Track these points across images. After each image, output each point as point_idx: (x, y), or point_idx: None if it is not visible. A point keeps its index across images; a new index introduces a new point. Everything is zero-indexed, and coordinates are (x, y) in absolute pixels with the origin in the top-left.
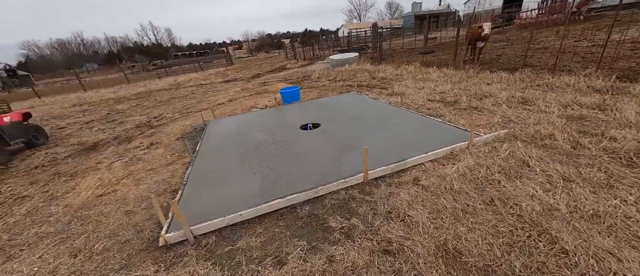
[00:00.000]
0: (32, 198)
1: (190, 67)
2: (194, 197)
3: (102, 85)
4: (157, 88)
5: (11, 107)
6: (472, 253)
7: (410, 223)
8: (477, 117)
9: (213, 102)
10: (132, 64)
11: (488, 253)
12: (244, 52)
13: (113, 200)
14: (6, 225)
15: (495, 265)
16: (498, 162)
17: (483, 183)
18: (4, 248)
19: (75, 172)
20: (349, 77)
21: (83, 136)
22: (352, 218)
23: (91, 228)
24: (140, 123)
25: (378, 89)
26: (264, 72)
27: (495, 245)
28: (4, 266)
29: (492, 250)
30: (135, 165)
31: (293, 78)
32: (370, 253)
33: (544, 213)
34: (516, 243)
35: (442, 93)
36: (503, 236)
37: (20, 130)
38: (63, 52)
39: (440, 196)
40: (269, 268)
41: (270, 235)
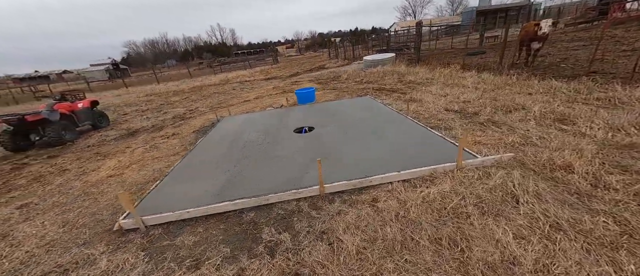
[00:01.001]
0: (70, 172)
1: (241, 64)
2: (166, 188)
3: (172, 79)
4: (210, 83)
5: (86, 95)
6: None
7: (337, 250)
8: (491, 133)
9: (243, 98)
10: (201, 60)
11: None
12: (293, 51)
13: (116, 182)
14: (43, 191)
15: None
16: (480, 192)
17: (448, 216)
18: (30, 210)
19: (108, 153)
20: (377, 79)
21: (133, 122)
22: (285, 232)
23: (87, 204)
24: (178, 114)
25: (398, 94)
26: (302, 71)
27: None
28: (20, 225)
29: None
30: (150, 153)
31: (323, 79)
32: (281, 272)
33: (498, 266)
34: None
35: (465, 103)
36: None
37: (88, 114)
38: (152, 50)
39: (388, 223)
40: (184, 269)
41: (206, 236)
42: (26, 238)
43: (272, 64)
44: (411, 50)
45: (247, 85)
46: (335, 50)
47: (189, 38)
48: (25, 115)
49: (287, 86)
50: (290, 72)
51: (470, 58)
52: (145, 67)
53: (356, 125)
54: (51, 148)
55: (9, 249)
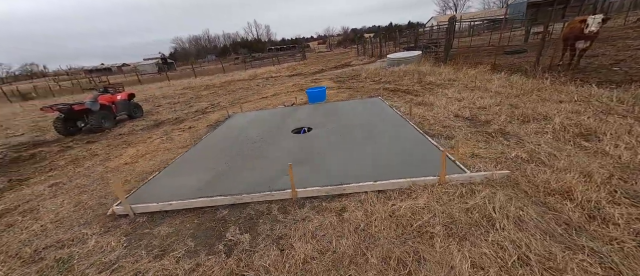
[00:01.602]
0: (98, 157)
1: (271, 61)
2: (163, 179)
3: (208, 73)
4: (239, 78)
5: (125, 87)
6: None
7: (286, 257)
8: (495, 146)
9: (262, 94)
10: (237, 56)
11: None
12: (324, 48)
13: (128, 170)
14: (73, 172)
15: None
16: (455, 211)
17: (411, 234)
18: (58, 189)
19: (132, 142)
20: (396, 78)
21: (161, 114)
22: (247, 233)
23: (100, 188)
24: (200, 108)
25: (411, 96)
26: (326, 68)
27: None
28: (46, 201)
29: None
30: (164, 144)
31: (343, 77)
32: (229, 273)
33: None
34: None
35: (479, 109)
36: None
37: (125, 105)
38: (195, 46)
39: (346, 235)
40: (150, 257)
41: (179, 229)
42: (45, 214)
43: (299, 61)
44: (439, 48)
45: (271, 82)
46: (363, 47)
47: (228, 34)
48: (72, 105)
49: (307, 84)
50: (315, 69)
51: (506, 57)
52: (188, 61)
53: (355, 128)
54: (92, 134)
55: (30, 221)
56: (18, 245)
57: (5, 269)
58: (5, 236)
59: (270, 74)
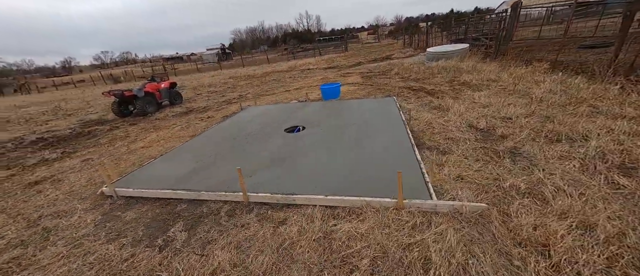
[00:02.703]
0: (128, 139)
1: (313, 52)
2: (156, 165)
3: (256, 63)
4: (279, 69)
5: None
6: None
7: (202, 264)
8: (492, 169)
9: (288, 87)
10: (286, 47)
11: None
12: (372, 39)
13: (140, 152)
14: (105, 150)
15: None
16: (392, 246)
17: (332, 264)
18: (87, 163)
19: (159, 127)
20: (427, 76)
21: (195, 103)
22: (186, 232)
23: (111, 167)
24: (229, 99)
25: (432, 98)
26: (365, 61)
27: None
28: (73, 174)
29: None
30: (181, 131)
31: (373, 72)
32: (150, 269)
33: None
34: None
35: (503, 119)
36: None
37: (167, 93)
38: (251, 37)
39: (267, 251)
40: (103, 239)
41: (141, 216)
42: (64, 185)
43: (341, 52)
44: (488, 41)
45: (305, 74)
46: (410, 38)
47: (280, 26)
48: (124, 91)
49: (335, 78)
50: (352, 62)
51: (580, 52)
52: (243, 51)
53: (348, 131)
54: (138, 117)
55: (51, 190)
56: (33, 209)
57: (14, 228)
58: (32, 200)
59: (308, 66)
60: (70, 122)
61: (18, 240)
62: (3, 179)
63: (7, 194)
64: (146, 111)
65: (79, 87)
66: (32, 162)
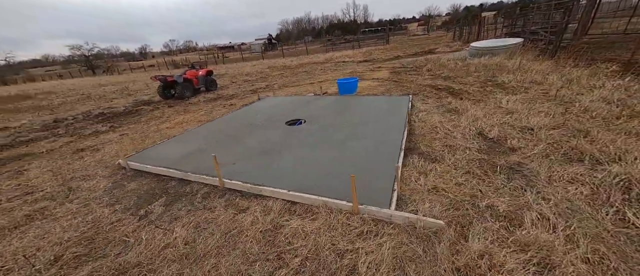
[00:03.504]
0: (160, 119)
1: (351, 44)
2: (167, 145)
3: (296, 54)
4: (315, 61)
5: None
6: None
7: (163, 237)
8: (476, 185)
9: (313, 79)
10: (329, 38)
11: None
12: (421, 30)
13: (163, 133)
14: (139, 127)
15: None
16: (327, 251)
17: (267, 258)
18: (122, 138)
19: (187, 111)
20: (460, 74)
21: (226, 90)
22: (164, 207)
23: (137, 143)
24: (256, 88)
25: (454, 99)
26: (404, 55)
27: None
28: (109, 146)
29: None
30: (202, 117)
31: (406, 67)
32: (124, 234)
33: None
34: None
35: (522, 129)
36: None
37: (204, 80)
38: (297, 27)
39: (217, 235)
40: (105, 204)
41: (139, 188)
42: (100, 154)
43: (382, 44)
44: (548, 35)
45: (337, 66)
46: (460, 30)
47: (326, 16)
48: (167, 77)
49: (365, 72)
50: (389, 55)
51: None
52: (288, 42)
53: (344, 129)
54: (177, 100)
55: (89, 158)
56: (70, 171)
57: (51, 184)
58: (73, 164)
59: (344, 58)
60: (127, 101)
61: (50, 194)
62: (64, 144)
63: (61, 156)
64: (184, 95)
65: (147, 71)
66: (88, 132)
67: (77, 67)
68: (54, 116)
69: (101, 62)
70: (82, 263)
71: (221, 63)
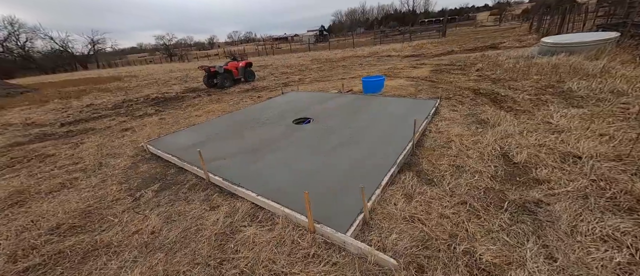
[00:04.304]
0: (195, 106)
1: (402, 37)
2: (186, 132)
3: (342, 46)
4: (359, 54)
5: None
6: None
7: (140, 222)
8: (462, 219)
9: (349, 74)
10: (382, 29)
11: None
12: (492, 20)
13: (191, 120)
14: (177, 113)
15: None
16: (266, 266)
17: (213, 259)
18: (161, 121)
19: (218, 100)
20: (516, 76)
21: (263, 82)
22: (156, 193)
23: (168, 127)
24: (289, 81)
25: (491, 107)
26: (459, 50)
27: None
28: (144, 129)
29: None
30: (231, 107)
31: (455, 64)
32: (114, 213)
33: None
34: None
35: (563, 156)
36: None
37: (243, 71)
38: (350, 19)
39: (179, 230)
40: (116, 181)
41: (146, 171)
42: (136, 135)
43: (436, 38)
44: None
45: (378, 61)
46: (539, 20)
47: (382, 6)
48: (210, 67)
49: (406, 68)
50: (443, 50)
51: None
52: (340, 34)
53: (344, 132)
54: (217, 89)
55: (126, 137)
56: (109, 148)
57: (91, 157)
58: (114, 142)
59: (389, 52)
60: (180, 88)
61: (85, 166)
62: (118, 123)
63: (110, 134)
64: (224, 85)
65: (211, 59)
66: (139, 114)
67: (159, 54)
68: (125, 97)
69: (177, 51)
70: (72, 234)
71: (271, 54)
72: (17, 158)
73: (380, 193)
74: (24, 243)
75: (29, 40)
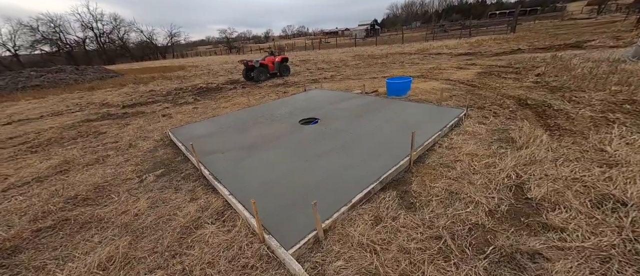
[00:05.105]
0: (226, 98)
1: (460, 32)
2: (200, 123)
3: (390, 42)
4: (406, 51)
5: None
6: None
7: (130, 205)
8: (431, 267)
9: (384, 73)
10: (441, 23)
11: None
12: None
13: (217, 111)
14: (210, 103)
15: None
16: (205, 269)
17: (168, 252)
18: (195, 110)
19: (248, 93)
20: (590, 86)
21: (296, 77)
22: (157, 177)
23: (195, 116)
24: (319, 78)
25: (529, 123)
26: (529, 49)
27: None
28: (177, 115)
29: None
30: (254, 101)
31: (513, 66)
32: (119, 191)
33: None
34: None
35: (599, 200)
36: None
37: (278, 66)
38: (407, 12)
39: (157, 217)
40: (134, 163)
41: (160, 155)
42: (169, 122)
43: (506, 32)
44: None
45: (423, 59)
46: None
47: None
48: (248, 61)
49: (448, 69)
50: (509, 47)
51: None
52: (393, 28)
53: (344, 137)
54: (253, 83)
55: (161, 122)
56: (146, 131)
57: (128, 137)
58: (150, 126)
59: (441, 50)
60: (224, 79)
61: (119, 146)
62: (162, 109)
63: (152, 118)
64: (259, 79)
65: (262, 52)
66: (181, 102)
67: (221, 47)
68: (178, 85)
69: (236, 44)
70: (81, 205)
71: (317, 49)
72: (81, 132)
73: (347, 210)
74: (47, 206)
75: (126, 33)
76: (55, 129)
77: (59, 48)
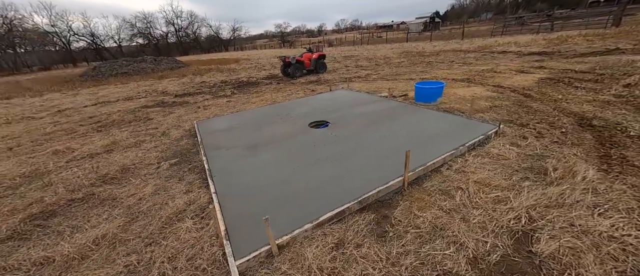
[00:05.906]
0: (257, 93)
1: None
2: (223, 117)
3: (448, 37)
4: (464, 48)
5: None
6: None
7: (137, 190)
8: None
9: (424, 74)
10: (519, 15)
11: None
12: None
13: (244, 106)
14: (242, 97)
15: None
16: (165, 261)
17: (149, 238)
18: (229, 103)
19: (280, 89)
20: None
21: (331, 74)
22: (170, 166)
23: (226, 109)
24: (353, 76)
25: (582, 148)
26: (631, 49)
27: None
28: (211, 108)
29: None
30: (282, 98)
31: (593, 72)
32: (136, 177)
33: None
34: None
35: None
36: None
37: (315, 63)
38: (475, 1)
39: (151, 205)
40: (159, 150)
41: (183, 144)
42: (202, 113)
43: (605, 26)
44: None
45: (481, 58)
46: None
47: None
48: (286, 57)
49: (505, 72)
50: (602, 46)
51: None
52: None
53: (346, 146)
54: (289, 78)
55: (195, 113)
56: (181, 121)
57: (166, 125)
58: (187, 116)
59: (507, 47)
60: (265, 74)
61: (155, 132)
62: (203, 100)
63: (191, 109)
64: (295, 75)
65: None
66: (220, 94)
67: (276, 40)
68: (225, 78)
69: (289, 37)
70: (108, 183)
71: (366, 44)
72: (137, 117)
73: (311, 228)
74: (83, 181)
75: (198, 28)
76: (121, 112)
77: (149, 41)
